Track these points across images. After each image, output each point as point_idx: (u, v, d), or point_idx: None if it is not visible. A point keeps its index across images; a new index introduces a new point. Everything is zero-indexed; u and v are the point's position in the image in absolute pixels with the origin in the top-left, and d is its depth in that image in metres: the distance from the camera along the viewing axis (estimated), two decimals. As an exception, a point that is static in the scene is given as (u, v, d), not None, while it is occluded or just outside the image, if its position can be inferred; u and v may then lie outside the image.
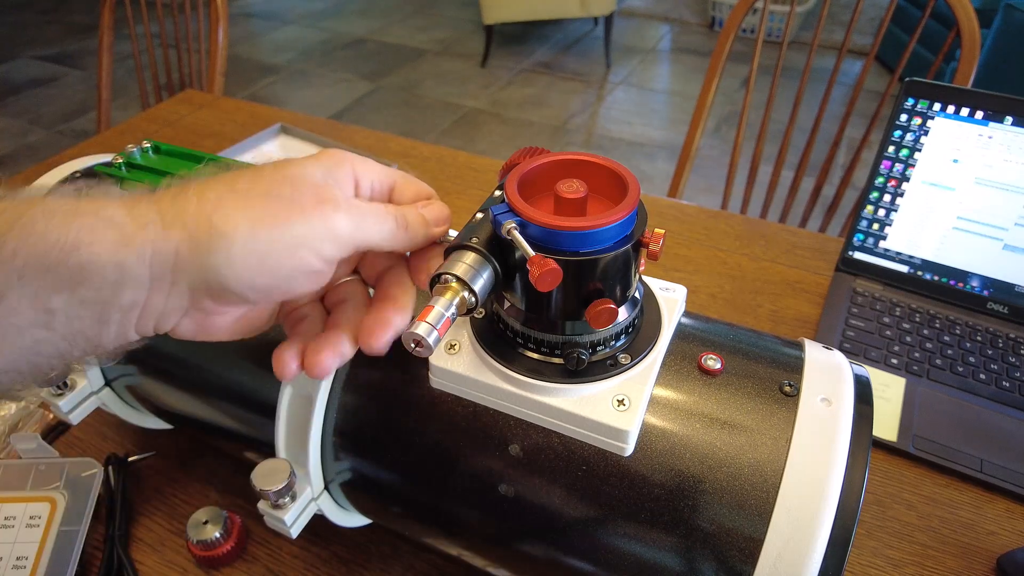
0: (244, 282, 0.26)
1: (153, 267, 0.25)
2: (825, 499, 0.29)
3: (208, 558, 0.49)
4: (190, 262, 0.25)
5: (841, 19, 3.41)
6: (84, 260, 0.24)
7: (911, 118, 0.68)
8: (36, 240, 0.23)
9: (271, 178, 0.27)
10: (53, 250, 0.23)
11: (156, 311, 0.26)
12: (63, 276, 0.24)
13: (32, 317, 0.24)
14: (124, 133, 1.06)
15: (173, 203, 0.26)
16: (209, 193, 0.26)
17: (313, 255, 0.27)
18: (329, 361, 0.30)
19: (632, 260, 0.31)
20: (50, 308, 0.24)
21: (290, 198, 0.26)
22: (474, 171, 0.94)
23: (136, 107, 2.59)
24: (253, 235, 0.25)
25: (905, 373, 0.63)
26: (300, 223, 0.26)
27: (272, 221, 0.26)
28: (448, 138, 2.67)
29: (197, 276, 0.26)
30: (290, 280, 0.27)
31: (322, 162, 0.29)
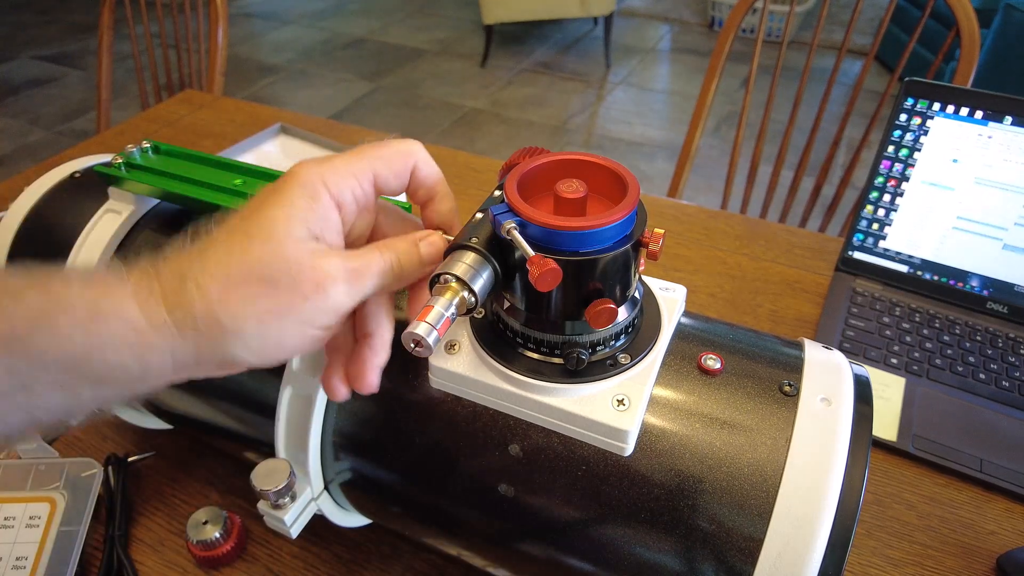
0: (264, 359, 0.28)
1: (176, 362, 0.27)
2: (825, 499, 0.29)
3: (208, 558, 0.49)
4: (211, 355, 0.27)
5: (841, 19, 3.41)
6: (108, 358, 0.25)
7: (911, 118, 0.68)
8: (62, 342, 0.24)
9: (264, 260, 0.26)
10: (79, 351, 0.25)
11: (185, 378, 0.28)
12: (88, 372, 0.25)
13: (60, 399, 0.25)
14: (124, 133, 1.06)
15: (179, 300, 0.26)
16: (208, 287, 0.26)
17: (318, 330, 0.28)
18: (374, 376, 0.31)
19: (632, 260, 0.31)
20: (77, 393, 0.26)
21: (288, 286, 0.26)
22: (474, 171, 0.94)
23: (136, 107, 2.59)
24: (261, 327, 0.27)
25: (905, 373, 0.63)
26: (304, 311, 0.27)
27: (278, 314, 0.27)
28: (448, 138, 2.67)
29: (219, 361, 0.27)
30: (303, 349, 0.29)
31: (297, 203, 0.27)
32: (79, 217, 0.47)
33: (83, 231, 0.47)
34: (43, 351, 0.24)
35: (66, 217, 0.48)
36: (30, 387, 0.24)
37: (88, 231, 0.47)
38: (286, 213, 0.27)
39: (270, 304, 0.26)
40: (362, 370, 0.31)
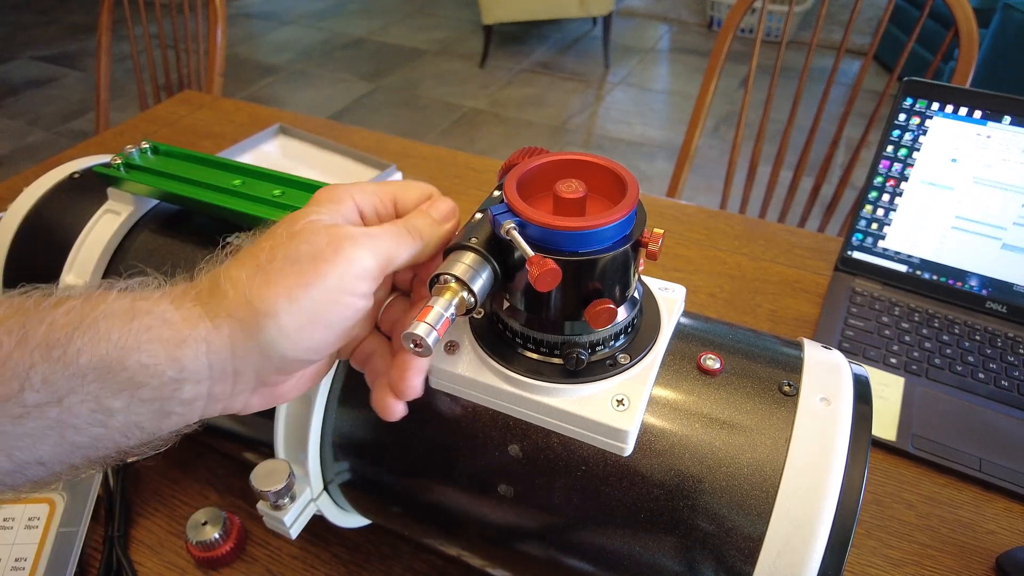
0: (302, 346, 0.27)
1: (211, 361, 0.26)
2: (824, 498, 0.29)
3: (207, 559, 0.49)
4: (247, 347, 0.27)
5: (840, 19, 3.41)
6: (143, 360, 0.25)
7: (910, 117, 0.68)
8: (99, 340, 0.24)
9: (286, 241, 0.28)
10: (115, 350, 0.25)
11: (222, 397, 0.28)
12: (123, 379, 0.25)
13: (91, 417, 0.25)
14: (123, 134, 1.06)
15: (212, 295, 0.27)
16: (239, 276, 0.27)
17: (351, 296, 0.28)
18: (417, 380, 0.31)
19: (631, 260, 0.31)
20: (109, 408, 0.25)
21: (310, 255, 0.27)
22: (473, 171, 0.94)
23: (135, 108, 2.59)
24: (293, 304, 0.26)
25: (904, 372, 0.63)
26: (329, 275, 0.27)
27: (305, 284, 0.27)
28: (447, 138, 2.67)
29: (259, 357, 0.27)
30: (342, 326, 0.28)
31: (323, 205, 0.30)
32: (78, 218, 0.47)
33: (82, 232, 0.47)
34: (80, 353, 0.24)
35: (65, 218, 0.48)
36: (63, 400, 0.24)
37: (87, 231, 0.47)
38: (308, 210, 0.30)
39: (296, 278, 0.27)
40: (404, 375, 0.31)
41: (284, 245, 0.28)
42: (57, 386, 0.24)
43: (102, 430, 0.25)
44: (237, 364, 0.27)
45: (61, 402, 0.24)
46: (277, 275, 0.27)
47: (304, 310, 0.27)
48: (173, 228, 0.47)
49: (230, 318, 0.26)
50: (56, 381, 0.24)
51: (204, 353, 0.26)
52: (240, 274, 0.27)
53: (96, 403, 0.24)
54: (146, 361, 0.25)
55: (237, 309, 0.26)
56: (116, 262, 0.46)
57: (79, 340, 0.24)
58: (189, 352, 0.26)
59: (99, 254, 0.46)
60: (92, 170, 0.51)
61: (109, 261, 0.46)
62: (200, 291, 0.27)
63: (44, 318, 0.24)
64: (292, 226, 0.28)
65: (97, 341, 0.24)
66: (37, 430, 0.24)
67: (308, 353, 0.28)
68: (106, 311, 0.25)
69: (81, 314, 0.25)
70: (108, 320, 0.25)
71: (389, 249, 0.29)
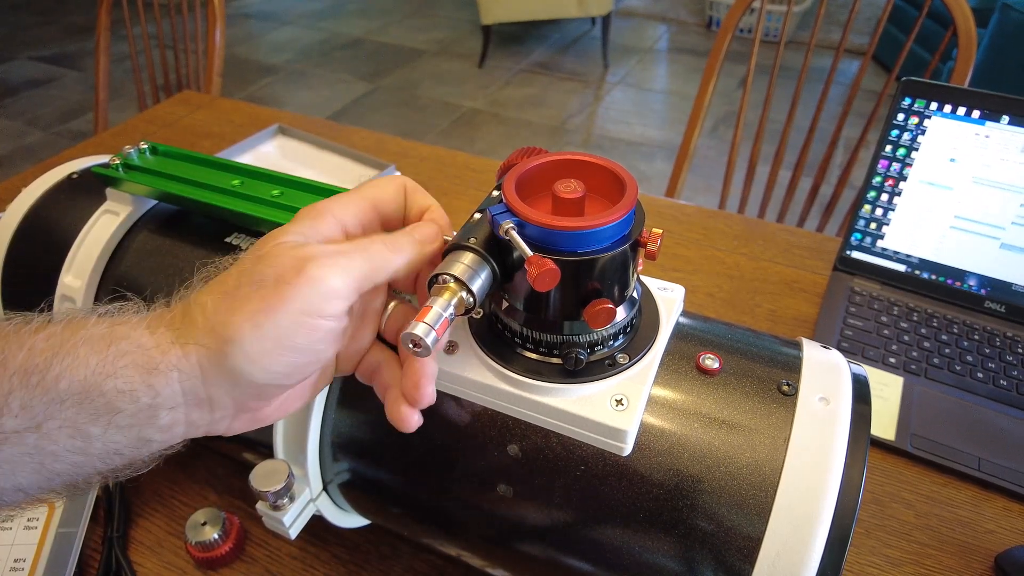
0: (271, 371, 0.27)
1: (184, 388, 0.26)
2: (823, 498, 0.29)
3: (207, 559, 0.49)
4: (216, 373, 0.26)
5: (838, 19, 3.41)
6: (119, 386, 0.25)
7: (908, 117, 0.68)
8: (78, 365, 0.24)
9: (253, 267, 0.27)
10: (92, 375, 0.25)
11: (202, 424, 0.28)
12: (100, 404, 0.25)
13: (70, 444, 0.25)
14: (121, 134, 1.06)
15: (183, 322, 0.27)
16: (207, 303, 0.27)
17: (319, 319, 0.27)
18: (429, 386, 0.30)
19: (630, 260, 0.31)
20: (88, 434, 0.25)
21: (274, 279, 0.26)
22: (472, 171, 0.94)
23: (133, 108, 2.59)
24: (256, 329, 0.26)
25: (903, 372, 0.63)
26: (293, 298, 0.26)
27: (267, 308, 0.26)
28: (446, 138, 2.66)
29: (229, 384, 0.27)
30: (312, 348, 0.27)
31: (301, 223, 0.29)
32: (77, 218, 0.47)
33: (81, 232, 0.46)
34: (59, 379, 0.24)
35: (64, 218, 0.48)
36: (41, 426, 0.24)
37: (86, 232, 0.46)
38: (283, 230, 0.29)
39: (259, 303, 0.26)
40: (416, 382, 0.30)
41: (250, 271, 0.27)
42: (35, 411, 0.24)
43: (81, 457, 0.25)
44: (210, 391, 0.27)
45: (40, 428, 0.24)
46: (242, 301, 0.26)
47: (268, 335, 0.26)
48: (172, 228, 0.47)
49: (197, 345, 0.26)
50: (35, 407, 0.24)
51: (176, 380, 0.26)
52: (207, 300, 0.27)
53: (74, 429, 0.25)
54: (122, 387, 0.25)
55: (203, 336, 0.26)
56: (115, 262, 0.46)
57: (58, 366, 0.24)
58: (162, 379, 0.26)
59: (98, 254, 0.46)
60: (91, 170, 0.51)
61: (108, 261, 0.46)
62: (173, 316, 0.27)
63: (24, 343, 0.25)
64: (259, 250, 0.28)
65: (76, 367, 0.24)
66: (16, 456, 0.24)
67: (279, 378, 0.27)
68: (85, 336, 0.25)
69: (61, 339, 0.25)
70: (87, 346, 0.25)
71: (361, 266, 0.28)
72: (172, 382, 0.26)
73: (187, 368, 0.26)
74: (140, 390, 0.25)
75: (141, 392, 0.25)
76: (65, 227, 0.47)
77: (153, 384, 0.25)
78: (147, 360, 0.26)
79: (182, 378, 0.26)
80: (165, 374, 0.26)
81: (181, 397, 0.26)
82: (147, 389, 0.25)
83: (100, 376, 0.25)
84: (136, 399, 0.25)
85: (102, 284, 0.46)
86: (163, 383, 0.26)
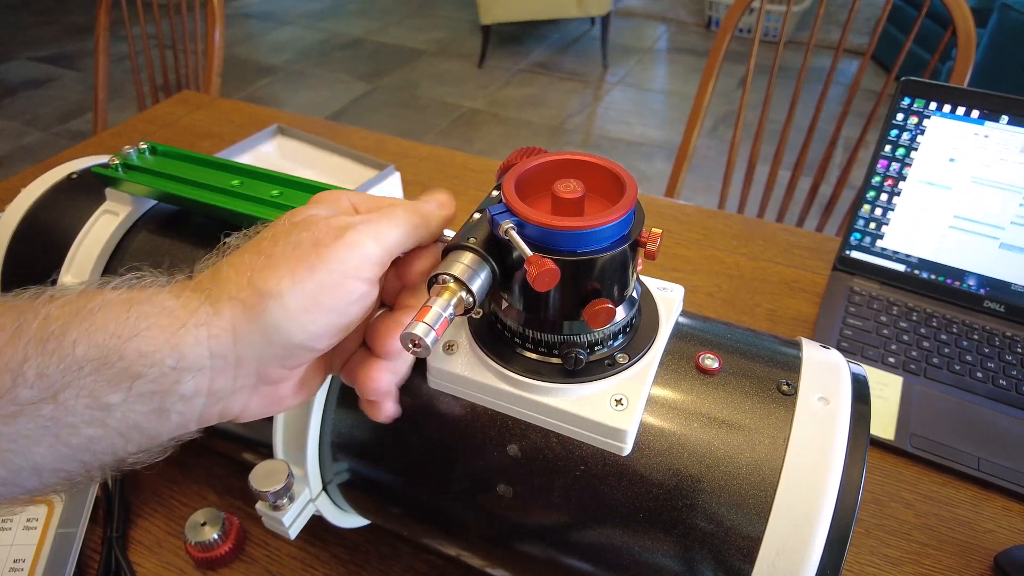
0: (307, 329, 0.27)
1: (212, 348, 0.26)
2: (823, 498, 0.29)
3: (206, 559, 0.49)
4: (249, 330, 0.26)
5: (837, 19, 3.41)
6: (142, 347, 0.24)
7: (907, 117, 0.68)
8: (96, 329, 0.24)
9: (287, 231, 0.28)
10: (111, 339, 0.24)
11: (223, 394, 0.27)
12: (120, 370, 0.24)
13: (87, 415, 0.24)
14: (121, 134, 1.06)
15: (213, 282, 0.27)
16: (240, 264, 0.27)
17: (356, 281, 0.28)
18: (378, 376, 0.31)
19: (629, 260, 0.31)
20: (107, 404, 0.24)
21: (311, 241, 0.27)
22: (472, 171, 0.94)
23: (133, 108, 2.59)
24: (297, 285, 0.26)
25: (902, 372, 0.63)
26: (332, 259, 0.27)
27: (308, 266, 0.26)
28: (446, 138, 2.66)
29: (261, 342, 0.26)
30: (346, 311, 0.28)
31: (320, 203, 0.30)
32: (76, 218, 0.47)
33: (80, 232, 0.46)
34: (75, 344, 0.23)
35: (63, 218, 0.48)
36: (58, 395, 0.23)
37: (85, 232, 0.46)
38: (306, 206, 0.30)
39: (299, 261, 0.26)
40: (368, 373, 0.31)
41: (286, 233, 0.28)
42: (52, 380, 0.23)
43: (99, 431, 0.24)
44: (239, 350, 0.26)
45: (56, 397, 0.23)
46: (280, 258, 0.27)
47: (308, 292, 0.26)
48: (171, 229, 0.47)
49: (232, 300, 0.26)
50: (51, 375, 0.23)
51: (205, 338, 0.25)
52: (242, 259, 0.27)
53: (92, 398, 0.24)
54: (144, 348, 0.24)
55: (239, 291, 0.26)
56: (114, 262, 0.46)
57: (74, 331, 0.23)
58: (189, 338, 0.25)
59: (97, 254, 0.46)
60: (90, 170, 0.51)
61: (107, 262, 0.46)
62: (200, 280, 0.27)
63: (39, 313, 0.24)
64: (293, 217, 0.29)
65: (93, 331, 0.24)
66: (31, 431, 0.23)
67: (313, 339, 0.27)
68: (102, 302, 0.24)
69: (77, 307, 0.24)
70: (105, 311, 0.24)
71: (391, 232, 0.29)
72: (200, 341, 0.25)
73: (218, 325, 0.26)
74: (163, 351, 0.24)
75: (164, 354, 0.24)
76: (64, 227, 0.47)
77: (178, 344, 0.25)
78: (172, 320, 0.25)
79: (211, 335, 0.25)
80: (193, 332, 0.25)
81: (208, 359, 0.25)
82: (171, 350, 0.24)
83: (120, 339, 0.24)
84: (160, 361, 0.24)
85: (101, 284, 0.46)
86: (190, 342, 0.25)
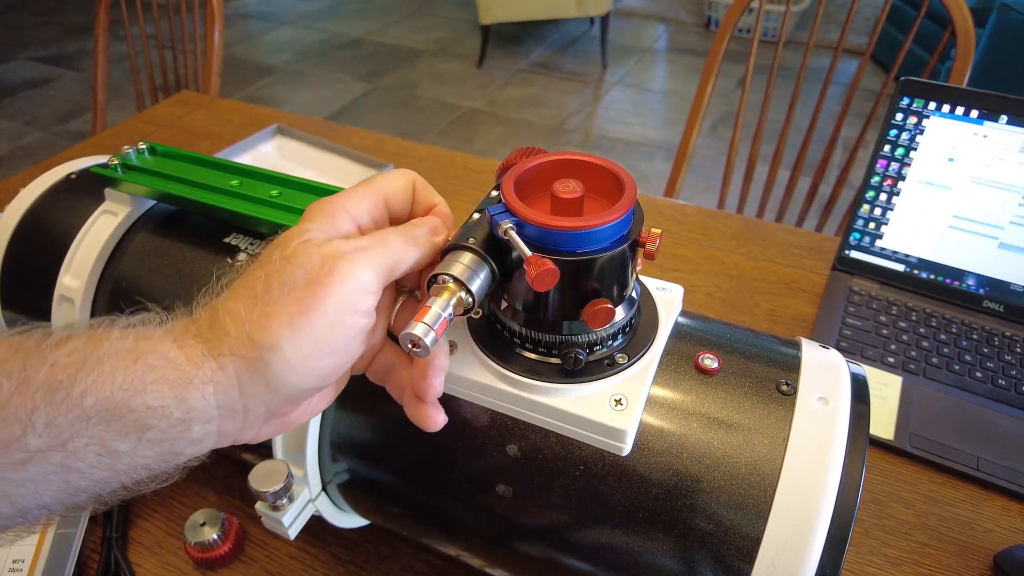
0: (311, 375, 0.27)
1: (219, 401, 0.26)
2: (822, 498, 0.29)
3: (206, 560, 0.49)
4: (254, 383, 0.26)
5: (837, 19, 3.41)
6: (150, 402, 0.24)
7: (907, 117, 0.68)
8: (104, 382, 0.24)
9: (280, 268, 0.27)
10: (119, 392, 0.24)
11: (233, 433, 0.27)
12: (129, 421, 0.24)
13: (96, 461, 0.24)
14: (120, 134, 1.06)
15: (212, 331, 0.26)
16: (237, 310, 0.26)
17: (353, 316, 0.27)
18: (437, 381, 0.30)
19: (629, 260, 0.31)
20: (115, 451, 0.24)
21: (304, 280, 0.26)
22: (471, 171, 0.94)
23: (132, 108, 2.59)
24: (296, 333, 0.26)
25: (902, 372, 0.63)
26: (328, 298, 0.26)
27: (304, 311, 0.26)
28: (445, 138, 2.66)
29: (266, 391, 0.26)
30: (347, 348, 0.27)
31: (316, 220, 0.29)
32: (75, 218, 0.47)
33: (79, 232, 0.46)
34: (84, 395, 0.23)
35: (62, 218, 0.48)
36: (67, 444, 0.23)
37: (84, 232, 0.46)
38: (301, 228, 0.29)
39: (295, 307, 0.26)
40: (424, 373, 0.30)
41: (279, 272, 0.27)
42: (61, 429, 0.23)
43: (107, 473, 0.24)
44: (246, 401, 0.26)
45: (65, 446, 0.23)
46: (275, 305, 0.26)
47: (307, 338, 0.26)
48: (170, 229, 0.47)
49: (233, 356, 0.26)
50: (59, 424, 0.23)
51: (211, 393, 0.25)
52: (238, 307, 0.26)
53: (101, 446, 0.24)
54: (152, 403, 0.24)
55: (239, 346, 0.26)
56: (113, 263, 0.46)
57: (83, 382, 0.23)
58: (196, 393, 0.25)
59: (96, 255, 0.45)
60: (89, 171, 0.51)
61: (106, 262, 0.46)
62: (200, 327, 0.27)
63: (46, 359, 0.24)
64: (285, 250, 0.28)
65: (102, 383, 0.24)
66: (40, 475, 0.23)
67: (317, 381, 0.27)
68: (109, 351, 0.24)
69: (84, 354, 0.24)
70: (112, 361, 0.24)
71: (385, 259, 0.28)
72: (207, 395, 0.25)
73: (223, 380, 0.25)
74: (172, 405, 0.24)
75: (173, 408, 0.24)
76: (64, 227, 0.47)
77: (186, 398, 0.25)
78: (179, 375, 0.25)
79: (217, 391, 0.25)
80: (199, 388, 0.25)
81: (216, 410, 0.26)
82: (179, 404, 0.25)
83: (128, 392, 0.24)
84: (168, 415, 0.24)
85: (101, 284, 0.46)
86: (197, 397, 0.25)
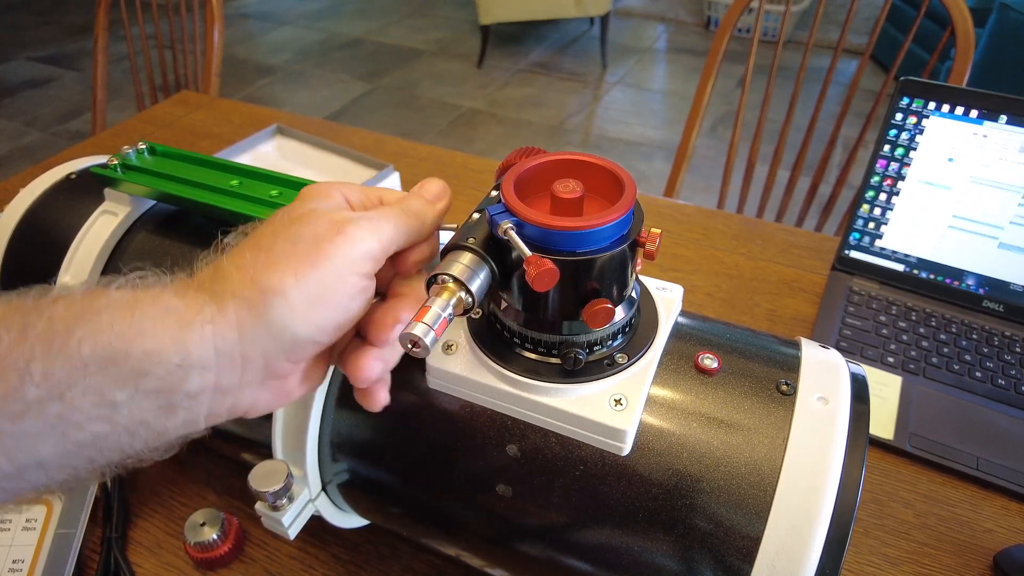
0: (311, 325, 0.27)
1: (218, 345, 0.26)
2: (822, 498, 0.29)
3: (206, 560, 0.49)
4: (255, 327, 0.26)
5: (836, 18, 3.41)
6: (147, 346, 0.24)
7: (906, 117, 0.68)
8: (101, 330, 0.24)
9: (286, 227, 0.28)
10: (117, 340, 0.24)
11: (229, 390, 0.27)
12: (126, 369, 0.24)
13: (94, 412, 0.24)
14: (120, 135, 1.06)
15: (215, 280, 0.27)
16: (242, 262, 0.27)
17: (356, 276, 0.28)
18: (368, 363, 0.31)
19: (628, 260, 0.31)
20: (113, 401, 0.24)
21: (312, 237, 0.27)
22: (471, 171, 0.94)
23: (132, 108, 2.59)
24: (301, 282, 0.26)
25: (901, 371, 0.63)
26: (334, 255, 0.27)
27: (310, 263, 0.27)
28: (445, 138, 2.66)
29: (266, 338, 0.27)
30: (347, 306, 0.28)
31: (314, 197, 0.30)
32: (75, 218, 0.47)
33: (79, 232, 0.46)
34: (81, 343, 0.23)
35: (62, 218, 0.48)
36: (64, 394, 0.23)
37: (84, 232, 0.46)
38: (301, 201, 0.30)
39: (301, 258, 0.27)
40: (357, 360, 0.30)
41: (285, 230, 0.28)
42: (58, 379, 0.23)
43: (106, 427, 0.24)
44: (245, 348, 0.26)
45: (62, 396, 0.23)
46: (282, 255, 0.27)
47: (311, 288, 0.27)
48: (170, 229, 0.47)
49: (236, 299, 0.26)
50: (57, 374, 0.23)
51: (211, 336, 0.25)
52: (244, 256, 0.27)
53: (99, 396, 0.24)
54: (150, 347, 0.24)
55: (243, 289, 0.26)
56: (113, 263, 0.46)
57: (80, 331, 0.23)
58: (195, 336, 0.25)
59: (96, 255, 0.45)
60: (89, 171, 0.51)
61: (106, 262, 0.46)
62: (202, 279, 0.27)
63: (43, 313, 0.24)
64: (291, 212, 0.29)
65: (99, 331, 0.24)
66: (38, 428, 0.23)
67: (317, 333, 0.28)
68: (107, 303, 0.25)
69: (82, 307, 0.24)
70: (110, 311, 0.24)
71: (388, 230, 0.29)
72: (206, 339, 0.25)
73: (223, 323, 0.26)
74: (169, 350, 0.24)
75: (170, 352, 0.24)
76: (63, 227, 0.47)
77: (184, 342, 0.25)
78: (177, 319, 0.25)
79: (216, 334, 0.26)
80: (199, 330, 0.25)
81: (214, 356, 0.26)
82: (176, 349, 0.25)
83: (125, 338, 0.24)
84: (166, 360, 0.24)
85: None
86: (196, 341, 0.25)
